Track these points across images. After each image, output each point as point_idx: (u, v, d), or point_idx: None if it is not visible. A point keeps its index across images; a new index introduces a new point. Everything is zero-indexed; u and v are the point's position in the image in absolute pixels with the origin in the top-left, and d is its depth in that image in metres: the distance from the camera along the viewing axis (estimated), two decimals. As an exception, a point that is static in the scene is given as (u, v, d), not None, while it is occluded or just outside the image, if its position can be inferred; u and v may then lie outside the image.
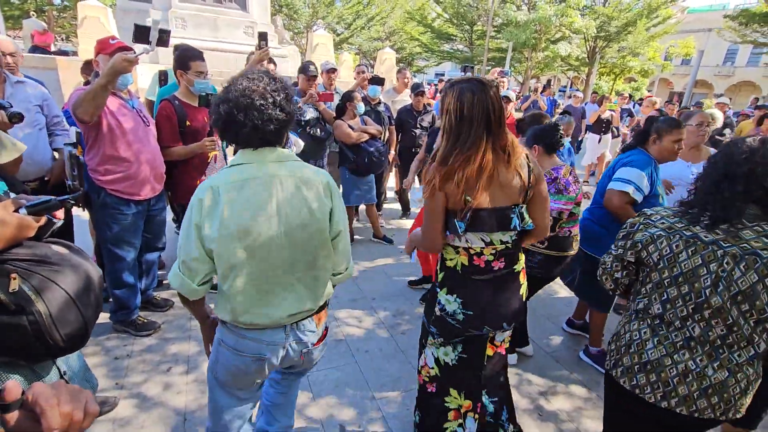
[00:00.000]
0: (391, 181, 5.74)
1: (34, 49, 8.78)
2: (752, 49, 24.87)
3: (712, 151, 2.38)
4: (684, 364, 1.28)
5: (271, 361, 1.36)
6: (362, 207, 4.56)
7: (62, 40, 22.70)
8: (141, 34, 2.22)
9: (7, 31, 12.98)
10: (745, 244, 1.17)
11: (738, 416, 1.30)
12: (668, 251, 1.27)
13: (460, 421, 1.74)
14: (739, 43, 20.08)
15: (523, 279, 1.63)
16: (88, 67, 3.43)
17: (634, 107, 10.72)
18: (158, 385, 2.26)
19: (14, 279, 0.93)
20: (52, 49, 10.25)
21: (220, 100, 1.22)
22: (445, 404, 1.73)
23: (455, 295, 1.56)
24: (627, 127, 8.57)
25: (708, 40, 19.67)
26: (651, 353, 1.33)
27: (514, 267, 1.58)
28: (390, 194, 5.85)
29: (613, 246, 1.46)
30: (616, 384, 1.42)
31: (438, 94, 9.04)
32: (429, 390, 1.77)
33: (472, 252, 1.52)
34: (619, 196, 2.29)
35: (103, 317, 2.56)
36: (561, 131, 2.34)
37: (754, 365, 1.25)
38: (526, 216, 1.51)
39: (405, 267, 3.85)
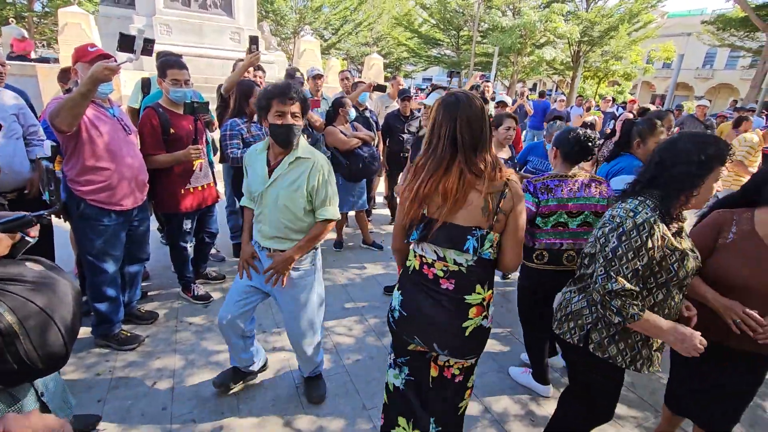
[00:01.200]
0: (381, 186, 5.72)
1: (14, 56, 8.60)
2: (730, 52, 25.58)
3: None
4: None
5: None
6: (351, 213, 4.54)
7: (43, 46, 22.30)
8: (126, 42, 2.20)
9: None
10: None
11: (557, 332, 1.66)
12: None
13: None
14: (717, 47, 20.62)
15: (473, 315, 1.45)
16: (65, 76, 3.27)
17: (617, 110, 10.90)
18: (142, 402, 2.19)
19: None
20: (33, 56, 10.06)
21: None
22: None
23: (400, 291, 1.58)
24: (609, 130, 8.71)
25: (687, 44, 20.14)
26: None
27: (465, 297, 1.44)
28: (379, 200, 5.84)
29: None
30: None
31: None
32: (380, 422, 1.75)
33: (423, 260, 1.49)
34: None
35: (84, 331, 2.48)
36: (588, 144, 2.13)
37: (575, 291, 1.64)
38: (487, 244, 1.39)
39: (394, 273, 3.82)
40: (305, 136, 3.80)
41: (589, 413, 1.71)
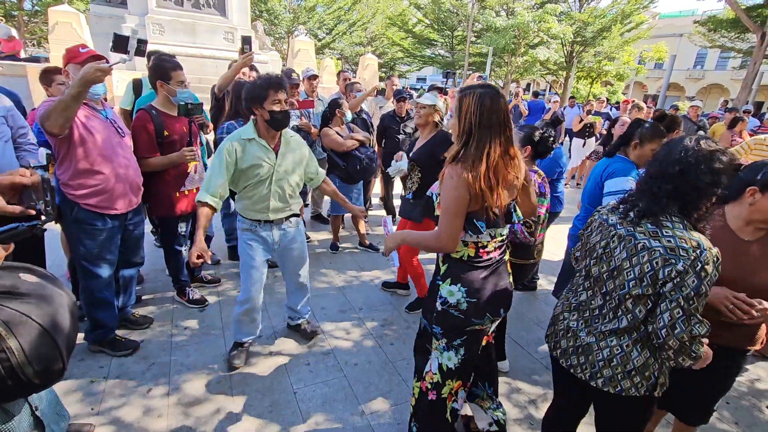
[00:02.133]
0: (376, 188, 5.70)
1: (2, 56, 8.46)
2: (720, 53, 25.85)
3: None
4: (567, 322, 1.54)
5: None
6: (348, 215, 4.51)
7: (33, 45, 22.01)
8: (120, 43, 2.20)
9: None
10: (631, 227, 1.34)
11: (607, 388, 1.41)
12: (589, 233, 1.53)
13: (454, 398, 1.81)
14: (708, 48, 20.84)
15: (509, 267, 1.78)
16: (47, 78, 3.08)
17: (611, 110, 10.97)
18: (137, 409, 2.15)
19: None
20: (23, 55, 9.90)
21: None
22: (442, 396, 1.77)
23: (459, 284, 1.61)
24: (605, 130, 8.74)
25: (679, 45, 20.37)
26: (555, 310, 1.65)
27: (504, 255, 1.72)
28: (375, 201, 5.82)
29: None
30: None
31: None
32: (430, 398, 1.77)
33: (479, 245, 1.60)
34: None
35: (77, 337, 2.44)
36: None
37: (617, 337, 1.39)
38: (518, 209, 1.71)
39: (392, 275, 3.80)
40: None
41: None
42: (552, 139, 2.37)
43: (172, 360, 2.54)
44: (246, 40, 3.36)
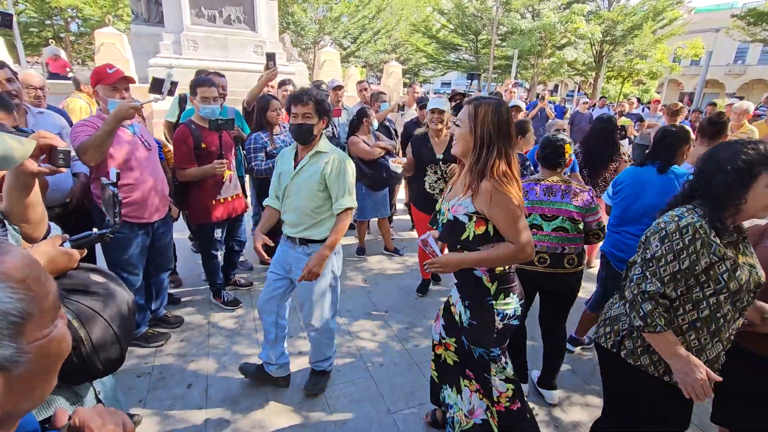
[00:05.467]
0: (401, 193, 5.79)
1: (52, 75, 9.12)
2: (763, 47, 24.52)
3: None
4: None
5: None
6: (373, 220, 4.62)
7: (78, 64, 23.50)
8: (155, 86, 2.45)
9: (26, 58, 13.52)
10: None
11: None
12: None
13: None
14: (749, 42, 19.84)
15: None
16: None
17: (643, 111, 10.63)
18: (179, 402, 2.32)
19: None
20: (70, 75, 10.62)
21: None
22: (525, 400, 1.85)
23: (511, 294, 1.68)
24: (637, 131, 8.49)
25: (716, 40, 19.43)
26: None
27: None
28: (400, 206, 5.90)
29: None
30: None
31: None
32: (514, 408, 1.79)
33: None
34: None
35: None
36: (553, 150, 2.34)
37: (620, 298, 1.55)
38: None
39: (416, 279, 3.88)
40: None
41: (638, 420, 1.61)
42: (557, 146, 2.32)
43: (209, 357, 2.71)
44: (270, 57, 3.53)
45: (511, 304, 1.66)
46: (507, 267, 1.66)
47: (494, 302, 1.65)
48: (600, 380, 1.72)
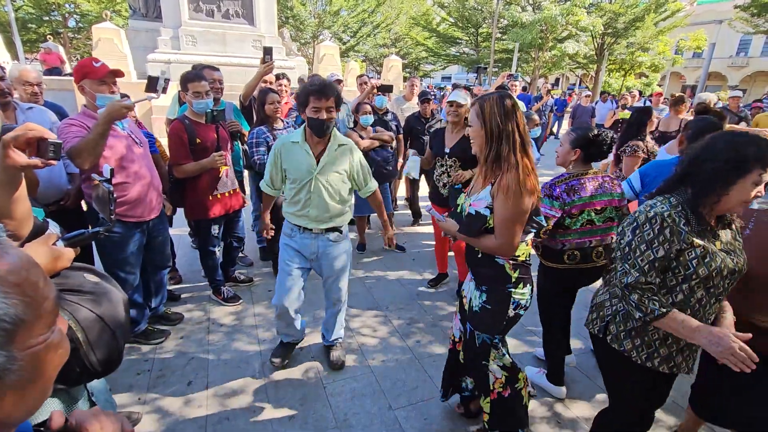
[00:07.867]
0: (401, 189, 5.76)
1: (50, 71, 9.07)
2: (766, 38, 24.31)
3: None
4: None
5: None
6: (374, 215, 4.59)
7: (76, 59, 23.42)
8: (150, 84, 2.42)
9: (24, 54, 13.46)
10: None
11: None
12: None
13: (528, 386, 1.95)
14: (752, 34, 19.67)
15: None
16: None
17: (645, 104, 10.55)
18: (179, 400, 2.30)
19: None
20: (68, 69, 10.56)
21: None
22: (517, 388, 1.87)
23: (528, 285, 1.73)
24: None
25: (719, 32, 19.23)
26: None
27: None
28: (400, 202, 5.87)
29: None
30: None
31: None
32: (507, 395, 1.84)
33: (527, 242, 1.73)
34: None
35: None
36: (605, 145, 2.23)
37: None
38: None
39: (417, 275, 3.85)
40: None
41: (619, 415, 1.68)
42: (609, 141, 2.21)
43: (209, 355, 2.69)
44: (267, 51, 3.49)
45: (525, 295, 1.72)
46: (528, 254, 1.73)
47: (513, 290, 1.70)
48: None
